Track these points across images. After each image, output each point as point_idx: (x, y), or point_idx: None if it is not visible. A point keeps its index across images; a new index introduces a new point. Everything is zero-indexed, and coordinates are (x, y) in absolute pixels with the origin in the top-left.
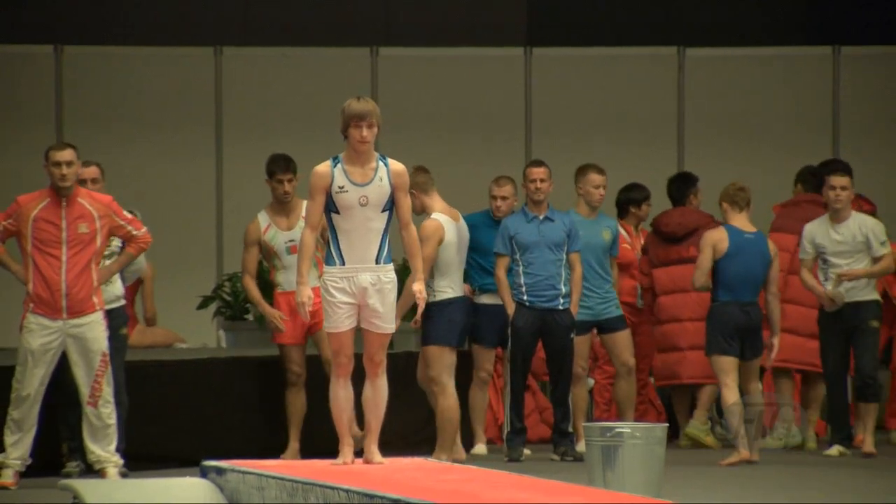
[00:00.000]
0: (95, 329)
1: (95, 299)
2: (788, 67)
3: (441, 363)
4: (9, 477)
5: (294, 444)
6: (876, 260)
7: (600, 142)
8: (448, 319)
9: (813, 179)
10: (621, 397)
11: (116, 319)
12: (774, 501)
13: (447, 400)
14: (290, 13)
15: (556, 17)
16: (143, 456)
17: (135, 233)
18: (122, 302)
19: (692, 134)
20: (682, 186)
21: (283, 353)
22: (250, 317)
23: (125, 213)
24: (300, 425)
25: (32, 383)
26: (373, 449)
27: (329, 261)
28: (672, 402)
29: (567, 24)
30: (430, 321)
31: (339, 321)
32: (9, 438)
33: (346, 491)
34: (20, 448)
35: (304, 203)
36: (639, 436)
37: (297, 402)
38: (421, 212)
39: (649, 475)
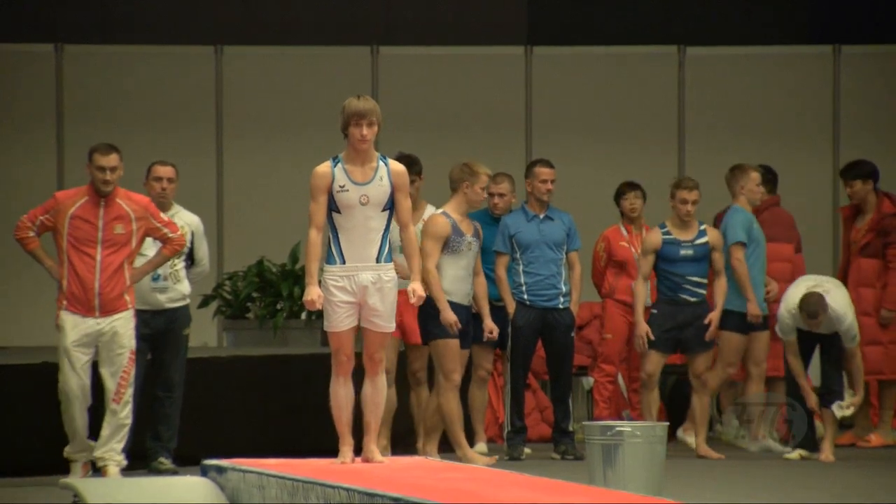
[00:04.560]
0: (125, 326)
1: (127, 297)
2: (788, 67)
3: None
4: (77, 470)
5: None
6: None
7: (600, 141)
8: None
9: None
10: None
11: (181, 318)
12: (775, 501)
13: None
14: (290, 13)
15: (556, 16)
16: (144, 455)
17: (171, 235)
18: (188, 301)
19: (692, 133)
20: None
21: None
22: (251, 315)
23: (162, 215)
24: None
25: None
26: (372, 448)
27: (329, 260)
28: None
29: (567, 23)
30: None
31: (339, 320)
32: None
33: (347, 490)
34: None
35: (427, 205)
36: (639, 434)
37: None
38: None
39: (650, 474)
